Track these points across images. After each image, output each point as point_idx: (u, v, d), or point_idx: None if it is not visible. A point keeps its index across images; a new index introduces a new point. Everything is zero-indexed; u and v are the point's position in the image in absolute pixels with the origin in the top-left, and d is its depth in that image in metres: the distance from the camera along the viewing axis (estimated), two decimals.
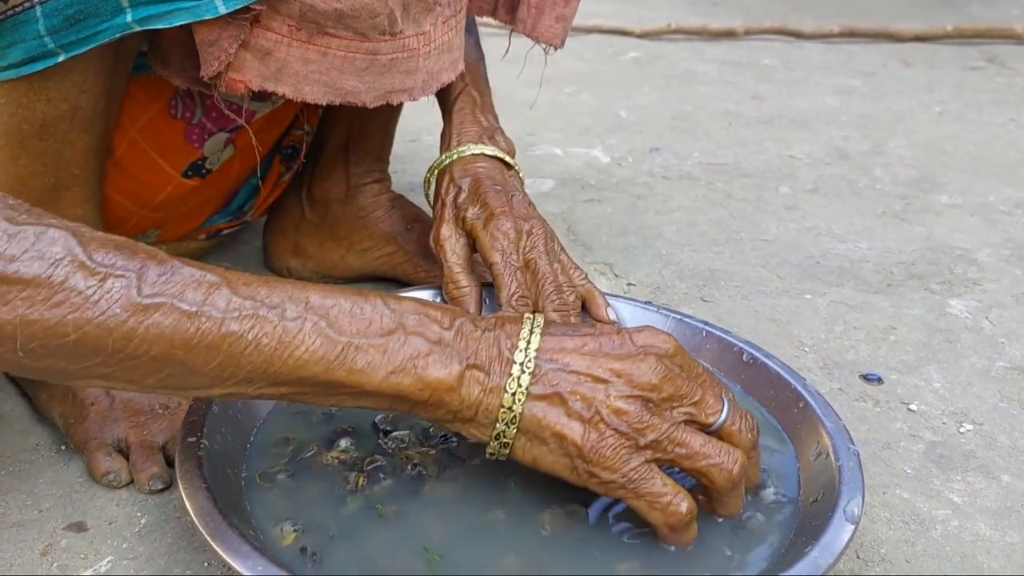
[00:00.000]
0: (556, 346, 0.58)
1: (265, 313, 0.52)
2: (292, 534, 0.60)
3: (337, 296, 0.55)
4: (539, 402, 0.56)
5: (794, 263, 1.16)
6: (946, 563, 0.67)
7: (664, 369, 0.57)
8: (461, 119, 0.90)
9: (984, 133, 1.70)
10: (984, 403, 0.87)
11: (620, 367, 0.57)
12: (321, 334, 0.53)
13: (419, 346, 0.55)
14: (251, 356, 0.52)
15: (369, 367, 0.54)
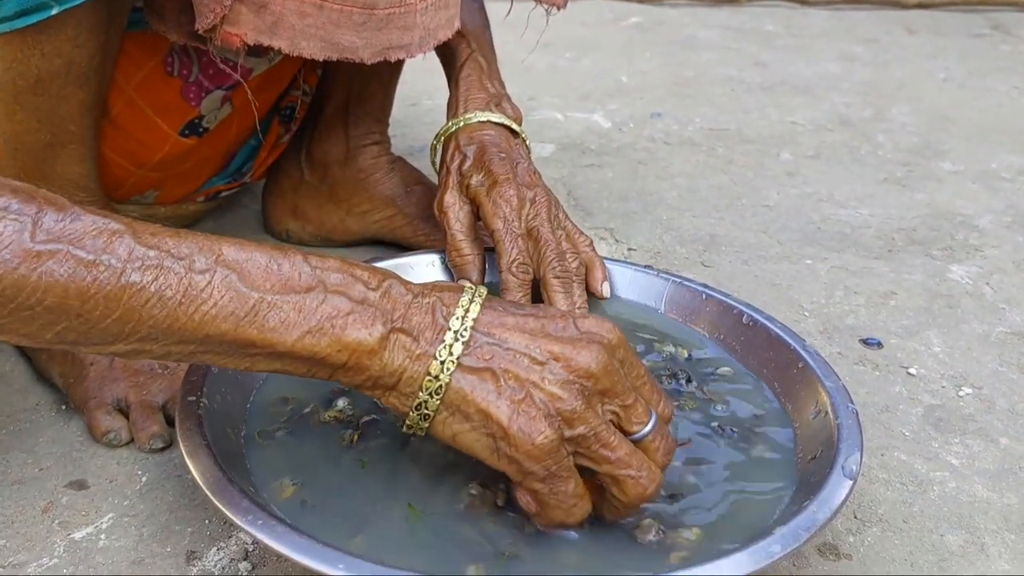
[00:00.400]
0: (495, 320, 0.54)
1: (171, 264, 0.48)
2: (291, 488, 0.60)
3: (252, 250, 0.51)
4: (469, 375, 0.52)
5: (795, 229, 1.16)
6: (943, 523, 0.67)
7: (605, 360, 0.53)
8: (468, 86, 0.89)
9: (988, 100, 1.69)
10: (984, 367, 0.87)
11: (560, 350, 0.53)
12: (231, 288, 0.49)
13: (339, 305, 0.51)
14: (153, 310, 0.48)
15: (282, 326, 0.50)
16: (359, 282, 0.53)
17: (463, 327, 0.53)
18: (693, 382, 0.74)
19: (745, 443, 0.67)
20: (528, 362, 0.53)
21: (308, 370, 0.53)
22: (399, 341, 0.52)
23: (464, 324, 0.53)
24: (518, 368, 0.52)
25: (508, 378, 0.52)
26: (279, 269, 0.51)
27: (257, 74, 0.88)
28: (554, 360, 0.53)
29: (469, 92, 0.89)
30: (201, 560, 0.61)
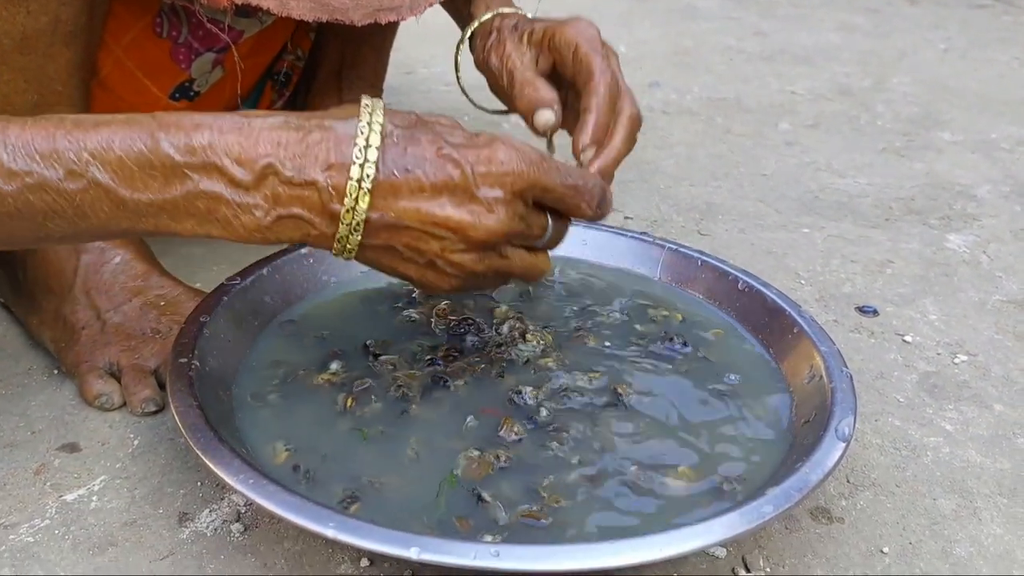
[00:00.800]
0: (389, 190, 0.53)
1: (48, 178, 0.50)
2: (284, 452, 0.60)
3: (118, 141, 0.50)
4: (372, 250, 0.55)
5: (792, 197, 1.15)
6: (936, 488, 0.67)
7: (504, 224, 0.54)
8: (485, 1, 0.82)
9: (989, 71, 1.67)
10: (979, 335, 0.87)
11: (458, 223, 0.54)
12: (111, 200, 0.51)
13: (216, 195, 0.51)
14: (55, 222, 0.52)
15: (172, 222, 0.52)
16: (231, 166, 0.51)
17: (355, 221, 0.53)
18: (688, 346, 0.73)
19: (738, 404, 0.67)
20: (427, 237, 0.54)
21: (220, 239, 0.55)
22: (291, 223, 0.53)
23: (356, 217, 0.53)
24: (418, 243, 0.55)
25: (409, 250, 0.55)
26: (151, 168, 0.51)
27: (248, 37, 0.87)
28: (452, 233, 0.54)
29: (487, 2, 0.82)
30: (193, 521, 0.61)
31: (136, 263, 0.78)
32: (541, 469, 0.60)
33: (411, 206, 0.53)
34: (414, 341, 0.72)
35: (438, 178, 0.53)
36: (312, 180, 0.52)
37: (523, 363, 0.70)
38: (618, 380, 0.69)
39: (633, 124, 0.72)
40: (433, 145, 0.54)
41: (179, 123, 0.52)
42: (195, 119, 0.52)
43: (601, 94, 0.70)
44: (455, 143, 0.54)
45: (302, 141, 0.52)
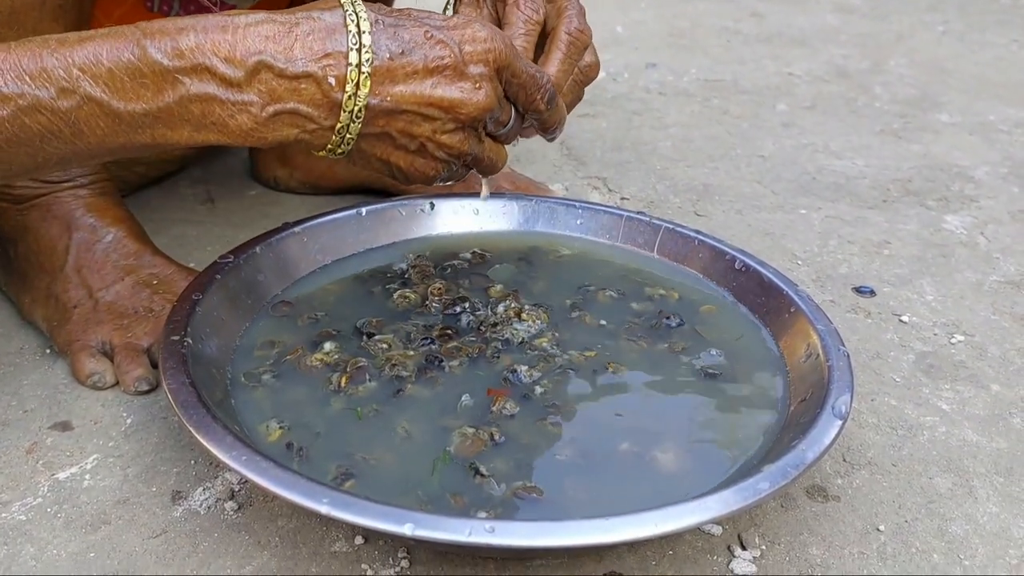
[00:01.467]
0: (387, 75, 0.54)
1: (41, 98, 0.50)
2: (278, 431, 0.60)
3: (105, 54, 0.51)
4: (368, 138, 0.57)
5: (789, 179, 1.15)
6: (932, 467, 0.67)
7: (493, 96, 0.58)
8: None
9: (986, 53, 1.67)
10: (976, 315, 0.87)
11: (450, 103, 0.57)
12: (105, 114, 0.52)
13: (209, 96, 0.52)
14: (52, 144, 0.52)
15: (168, 130, 0.53)
16: (221, 65, 0.52)
17: (357, 108, 0.54)
18: (684, 324, 0.73)
19: (733, 382, 0.66)
20: (420, 119, 0.57)
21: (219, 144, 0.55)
22: (288, 119, 0.54)
23: (357, 103, 0.54)
24: (411, 127, 0.57)
25: (402, 136, 0.58)
26: (141, 76, 0.51)
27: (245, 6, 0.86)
28: (444, 113, 0.57)
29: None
30: (187, 500, 0.61)
31: (128, 241, 0.78)
32: (535, 445, 0.60)
33: (407, 89, 0.55)
34: (409, 321, 0.72)
35: (430, 60, 0.55)
36: (309, 72, 0.52)
37: (518, 343, 0.70)
38: (612, 358, 0.68)
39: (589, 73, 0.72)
40: (420, 28, 0.56)
41: (164, 28, 0.52)
42: (179, 23, 0.52)
43: (563, 48, 0.69)
44: (438, 26, 0.56)
45: (290, 33, 0.52)
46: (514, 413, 0.62)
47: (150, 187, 1.03)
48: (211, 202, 1.03)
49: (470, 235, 0.84)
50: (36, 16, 0.66)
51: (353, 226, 0.82)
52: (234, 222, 0.99)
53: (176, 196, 1.03)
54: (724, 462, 0.59)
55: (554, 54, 0.69)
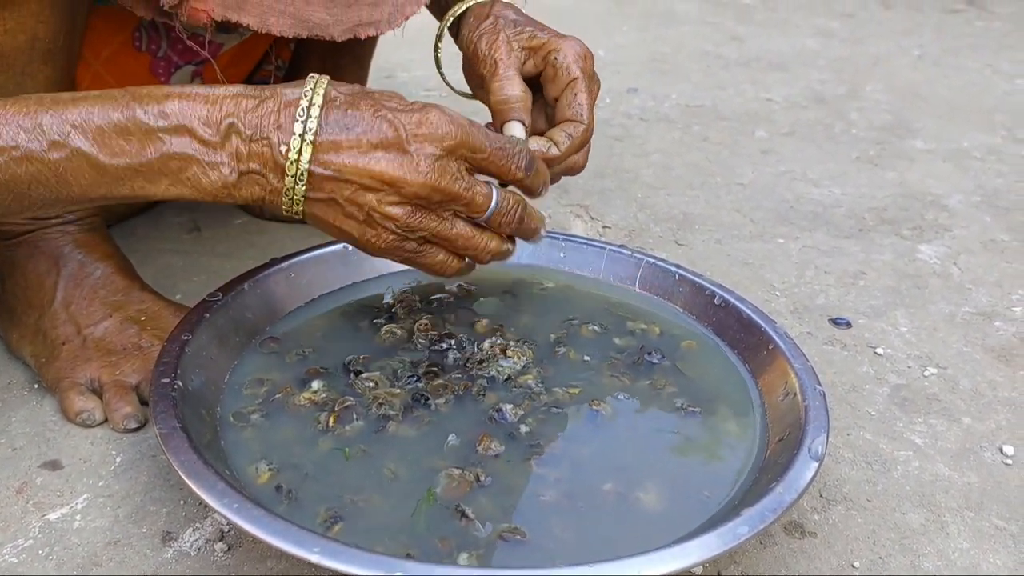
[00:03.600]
0: (330, 146, 0.59)
1: (33, 149, 0.55)
2: (267, 472, 0.61)
3: (96, 113, 0.56)
4: (317, 203, 0.61)
5: (768, 207, 1.17)
6: (905, 502, 0.69)
7: (435, 176, 0.60)
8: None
9: (960, 78, 1.70)
10: (949, 348, 0.89)
11: (391, 176, 0.59)
12: (91, 166, 0.57)
13: (188, 156, 0.57)
14: (38, 190, 0.57)
15: (148, 184, 0.58)
16: (200, 128, 0.57)
17: (299, 171, 0.59)
18: (666, 359, 0.75)
19: (712, 420, 0.68)
20: (363, 191, 0.60)
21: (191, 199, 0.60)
22: (251, 179, 0.59)
23: (300, 168, 0.59)
24: (356, 197, 0.60)
25: (349, 205, 0.61)
26: (127, 133, 0.56)
27: (228, 49, 0.87)
28: (387, 186, 0.60)
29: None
30: (177, 541, 0.62)
31: (117, 278, 0.79)
32: (520, 486, 0.61)
33: (349, 161, 0.59)
34: (395, 357, 0.73)
35: (374, 136, 0.59)
36: (266, 136, 0.58)
37: (504, 380, 0.71)
38: (596, 395, 0.70)
39: (572, 166, 0.76)
40: (371, 108, 0.60)
41: (151, 93, 0.58)
42: (164, 90, 0.58)
43: (574, 141, 0.73)
44: (392, 107, 0.60)
45: (259, 105, 0.58)
46: (499, 453, 0.64)
47: (136, 215, 1.04)
48: (197, 231, 1.04)
49: None
50: (26, 59, 0.67)
51: (339, 260, 0.83)
52: (220, 252, 1.00)
53: (162, 225, 1.04)
54: (705, 502, 0.61)
55: (579, 95, 0.73)
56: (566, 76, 0.74)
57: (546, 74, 0.76)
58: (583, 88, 0.74)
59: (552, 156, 0.73)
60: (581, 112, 0.74)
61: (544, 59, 0.76)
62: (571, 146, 0.73)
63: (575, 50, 0.75)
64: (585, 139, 0.75)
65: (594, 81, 0.76)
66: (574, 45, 0.75)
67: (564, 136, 0.73)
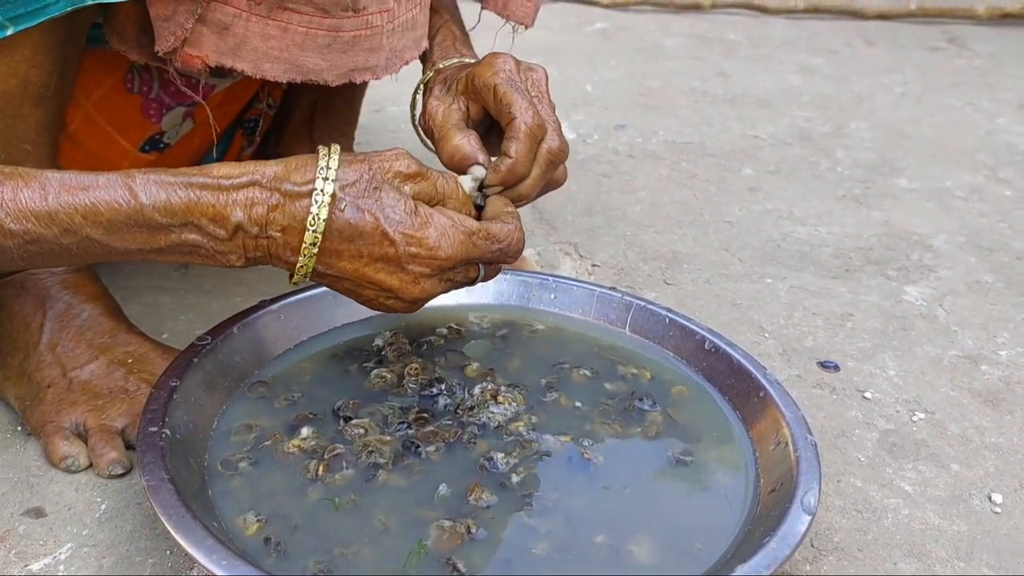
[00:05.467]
0: (333, 253, 0.62)
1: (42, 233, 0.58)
2: (255, 524, 0.60)
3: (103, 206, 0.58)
4: (325, 279, 0.65)
5: (755, 246, 1.17)
6: (896, 551, 0.69)
7: (430, 288, 0.65)
8: (443, 50, 0.85)
9: (943, 116, 1.72)
10: (936, 392, 0.89)
11: (390, 284, 0.64)
12: (102, 248, 0.59)
13: (197, 243, 0.60)
14: (50, 260, 0.61)
15: (158, 257, 0.62)
16: (208, 223, 0.60)
17: (304, 273, 0.63)
18: (657, 406, 0.75)
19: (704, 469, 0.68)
20: (364, 287, 0.65)
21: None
22: (257, 261, 0.63)
23: (306, 268, 0.63)
24: (357, 289, 0.65)
25: (351, 293, 0.66)
26: (136, 228, 0.59)
27: (219, 90, 0.87)
28: (384, 291, 0.64)
29: (444, 52, 0.85)
30: None
31: (103, 319, 0.78)
32: (511, 539, 0.61)
33: (350, 267, 0.63)
34: (385, 403, 0.73)
35: (374, 252, 0.63)
36: (271, 236, 0.62)
37: (495, 427, 0.71)
38: (587, 444, 0.70)
39: (551, 157, 0.74)
40: (374, 220, 0.62)
41: (155, 183, 0.59)
42: (167, 179, 0.59)
43: (520, 138, 0.71)
44: (395, 219, 0.62)
45: (265, 204, 0.61)
46: (491, 503, 0.63)
47: None
48: (185, 267, 1.03)
49: (446, 309, 0.85)
50: (17, 103, 0.67)
51: (329, 302, 0.82)
52: (207, 289, 0.99)
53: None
54: (697, 555, 0.60)
55: (535, 171, 0.73)
56: (488, 92, 0.73)
57: (483, 102, 0.75)
58: (505, 88, 0.72)
59: (507, 168, 0.71)
60: (510, 110, 0.71)
61: (473, 93, 0.75)
62: (521, 144, 0.71)
63: (490, 65, 0.74)
64: (531, 129, 0.71)
65: (528, 75, 0.75)
66: (489, 61, 0.74)
67: (507, 141, 0.71)
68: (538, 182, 0.73)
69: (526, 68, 0.75)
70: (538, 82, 0.75)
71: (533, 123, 0.71)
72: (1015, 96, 1.86)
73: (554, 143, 0.73)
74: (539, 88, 0.75)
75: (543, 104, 0.74)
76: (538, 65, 0.77)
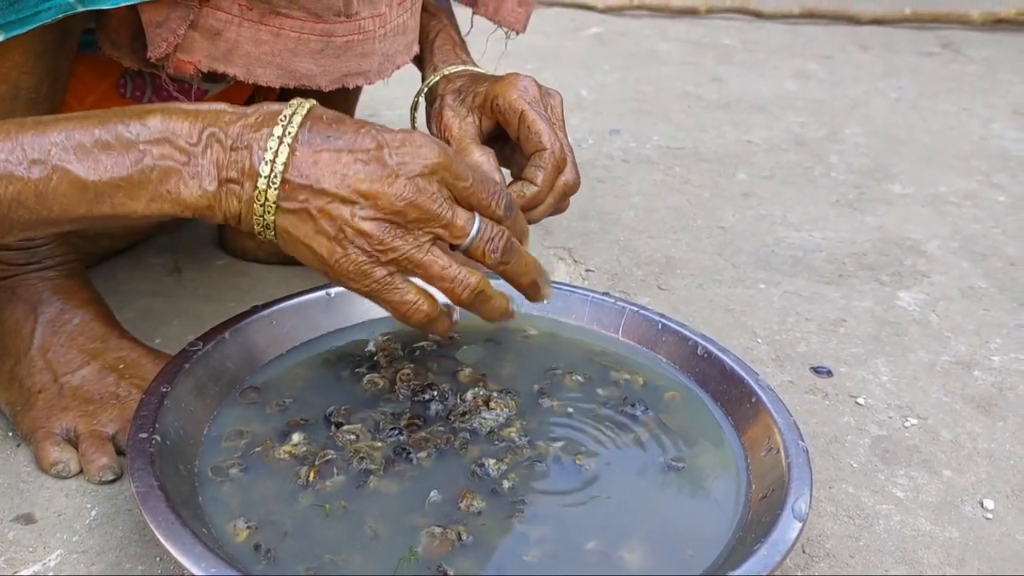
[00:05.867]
0: (309, 158, 0.58)
1: (13, 169, 0.55)
2: (245, 531, 0.60)
3: (78, 131, 0.56)
4: (289, 215, 0.59)
5: (749, 252, 1.18)
6: (888, 558, 0.69)
7: (413, 192, 0.59)
8: (444, 54, 0.86)
9: (937, 122, 1.73)
10: (929, 397, 0.89)
11: (368, 188, 0.58)
12: (71, 183, 0.56)
13: (169, 168, 0.57)
14: (18, 211, 0.56)
15: (129, 199, 0.57)
16: (181, 138, 0.57)
17: (273, 173, 0.57)
18: (649, 411, 0.75)
19: (695, 476, 0.68)
20: (339, 202, 0.58)
21: (172, 218, 0.60)
22: (230, 190, 0.58)
23: (274, 171, 0.57)
24: (331, 208, 0.58)
25: (323, 217, 0.59)
26: (108, 150, 0.56)
27: (212, 95, 0.87)
28: (363, 198, 0.58)
29: (445, 57, 0.86)
30: None
31: (95, 324, 0.78)
32: (502, 546, 0.61)
33: (327, 169, 0.58)
34: (377, 409, 0.72)
35: (356, 146, 0.58)
36: (247, 145, 0.58)
37: (486, 433, 0.70)
38: (579, 450, 0.70)
39: (566, 190, 0.76)
40: (355, 124, 0.60)
41: (133, 110, 0.58)
42: (147, 107, 0.58)
43: (547, 168, 0.73)
44: (377, 127, 0.60)
45: (240, 116, 0.58)
46: (481, 509, 0.63)
47: (116, 256, 1.03)
48: (178, 272, 1.03)
49: None
50: (8, 108, 0.67)
51: (322, 307, 0.82)
52: (201, 294, 0.99)
53: (143, 266, 1.03)
54: (689, 561, 0.60)
55: (548, 200, 0.74)
56: (513, 115, 0.75)
57: (503, 122, 0.77)
58: (534, 116, 0.74)
59: (531, 195, 0.73)
60: (540, 139, 0.74)
61: (492, 110, 0.77)
62: (547, 174, 0.73)
63: (513, 86, 0.75)
64: (557, 161, 0.74)
65: (547, 100, 0.76)
66: (512, 82, 0.76)
67: (534, 170, 0.74)
68: (548, 210, 0.76)
69: (546, 93, 0.77)
70: (555, 108, 0.78)
71: (559, 156, 0.74)
72: (1009, 102, 1.86)
73: (571, 176, 0.76)
74: (557, 115, 0.77)
75: (562, 133, 0.76)
76: (555, 91, 0.79)
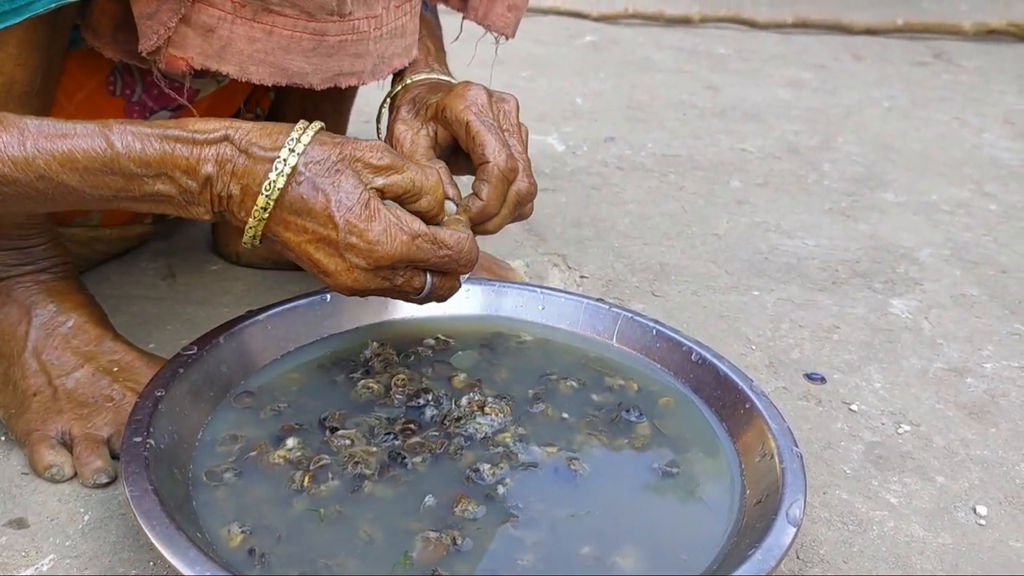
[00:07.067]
0: (280, 223, 0.64)
1: (22, 177, 0.60)
2: (239, 535, 0.60)
3: (80, 153, 0.60)
4: (268, 242, 0.66)
5: (743, 259, 1.18)
6: (881, 564, 0.69)
7: (364, 281, 0.64)
8: (414, 64, 0.85)
9: (929, 131, 1.74)
10: (921, 404, 0.90)
11: (325, 266, 0.64)
12: (76, 195, 0.61)
13: (169, 194, 0.62)
14: (25, 204, 0.62)
15: (131, 204, 0.64)
16: (181, 175, 0.62)
17: (255, 230, 0.64)
18: (644, 417, 0.75)
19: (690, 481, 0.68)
20: (301, 262, 0.66)
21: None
22: (222, 215, 0.64)
23: (256, 228, 0.64)
24: (298, 258, 0.65)
25: (294, 256, 0.65)
26: (111, 174, 0.61)
27: (205, 95, 0.87)
28: (322, 273, 0.65)
29: (414, 66, 0.85)
30: None
31: (89, 327, 0.77)
32: (497, 551, 0.61)
33: (294, 239, 0.64)
34: (372, 414, 0.72)
35: (318, 232, 0.63)
36: (232, 194, 0.63)
37: (481, 439, 0.70)
38: (574, 455, 0.70)
39: (520, 199, 0.75)
40: (325, 201, 0.62)
41: (135, 133, 0.61)
42: (144, 130, 0.62)
43: (492, 182, 0.72)
44: (346, 205, 0.63)
45: (233, 163, 0.62)
46: (476, 515, 0.63)
47: (109, 261, 1.03)
48: (172, 277, 1.03)
49: (433, 320, 0.85)
50: (2, 102, 0.67)
51: (317, 312, 0.82)
52: (195, 299, 0.99)
53: (136, 271, 1.03)
54: (683, 566, 0.60)
55: (503, 211, 0.73)
56: (460, 126, 0.74)
57: (453, 133, 0.75)
58: (478, 127, 0.72)
59: (477, 210, 0.71)
60: (483, 152, 0.72)
61: (444, 123, 0.76)
62: (492, 188, 0.72)
63: (461, 96, 0.74)
64: (504, 172, 0.72)
65: (499, 107, 0.75)
66: (460, 92, 0.74)
67: (480, 184, 0.72)
68: (504, 221, 0.74)
69: (498, 99, 0.76)
70: (509, 114, 0.76)
71: (506, 167, 0.72)
72: (1000, 111, 1.87)
73: (523, 185, 0.74)
74: (510, 120, 0.75)
75: (514, 139, 0.74)
76: (510, 95, 0.77)
